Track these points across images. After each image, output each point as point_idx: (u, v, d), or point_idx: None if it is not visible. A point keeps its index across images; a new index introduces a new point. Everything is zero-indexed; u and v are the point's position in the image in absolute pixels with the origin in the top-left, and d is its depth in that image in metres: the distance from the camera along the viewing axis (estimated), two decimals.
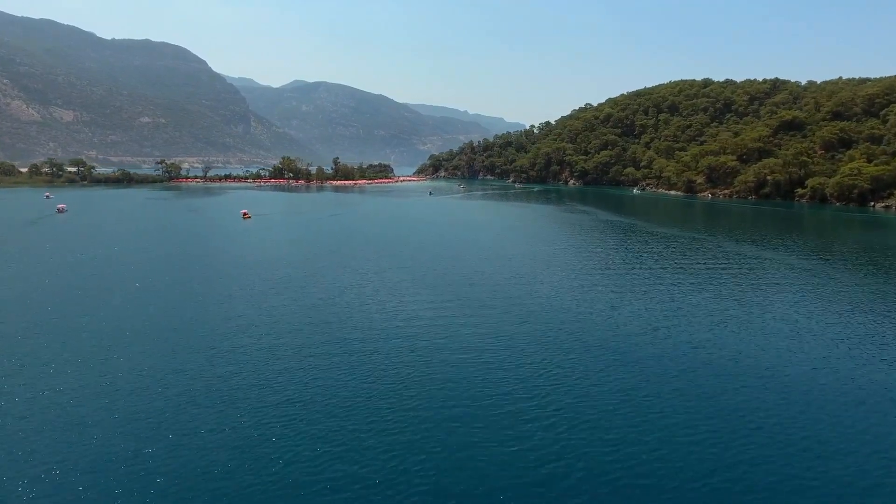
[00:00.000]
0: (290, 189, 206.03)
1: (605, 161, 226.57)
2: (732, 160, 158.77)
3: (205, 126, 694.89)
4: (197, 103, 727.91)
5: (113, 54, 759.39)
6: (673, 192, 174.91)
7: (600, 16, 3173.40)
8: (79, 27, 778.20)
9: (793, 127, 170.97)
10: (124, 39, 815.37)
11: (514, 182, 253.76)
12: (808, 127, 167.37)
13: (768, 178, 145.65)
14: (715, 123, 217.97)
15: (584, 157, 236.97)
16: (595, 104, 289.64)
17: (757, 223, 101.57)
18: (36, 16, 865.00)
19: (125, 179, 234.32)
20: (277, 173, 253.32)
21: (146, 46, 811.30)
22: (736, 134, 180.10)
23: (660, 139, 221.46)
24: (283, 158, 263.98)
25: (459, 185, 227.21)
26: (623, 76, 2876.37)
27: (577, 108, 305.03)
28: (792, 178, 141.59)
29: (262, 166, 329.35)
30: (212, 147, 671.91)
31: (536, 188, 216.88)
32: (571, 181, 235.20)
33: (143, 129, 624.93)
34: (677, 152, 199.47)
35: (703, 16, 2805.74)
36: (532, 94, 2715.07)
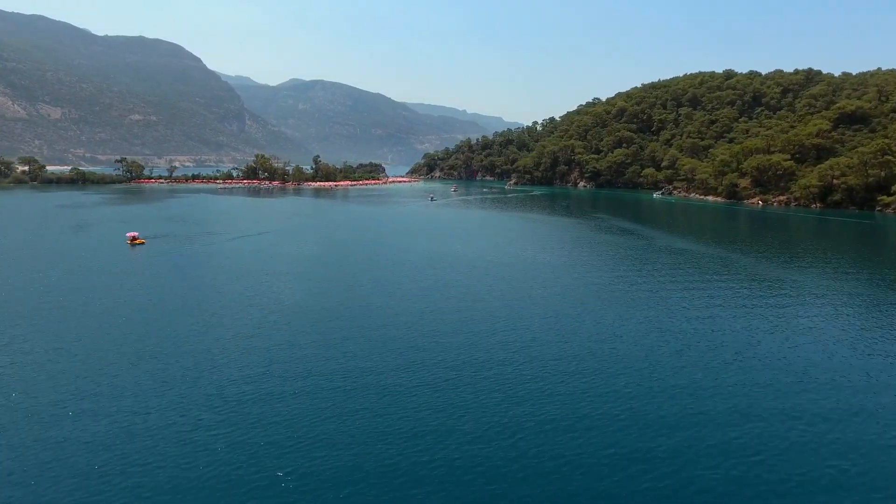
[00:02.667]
0: (256, 192, 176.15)
1: (620, 160, 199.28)
2: (786, 160, 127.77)
3: (197, 124, 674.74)
4: (190, 101, 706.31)
5: (105, 51, 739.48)
6: (711, 198, 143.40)
7: (599, 16, 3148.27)
8: (71, 23, 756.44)
9: (855, 120, 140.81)
10: (118, 36, 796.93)
11: (515, 184, 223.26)
12: (875, 120, 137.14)
13: (835, 181, 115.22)
14: (744, 118, 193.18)
15: (595, 155, 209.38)
16: (604, 99, 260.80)
17: None
18: (27, 11, 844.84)
19: (80, 180, 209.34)
20: (251, 173, 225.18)
21: (140, 43, 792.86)
22: (786, 130, 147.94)
23: (682, 136, 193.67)
24: (257, 156, 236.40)
25: (452, 188, 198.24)
26: (622, 76, 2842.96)
27: (583, 104, 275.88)
28: (868, 183, 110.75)
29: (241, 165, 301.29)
30: (204, 145, 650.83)
31: (536, 191, 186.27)
32: (582, 183, 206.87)
33: (134, 127, 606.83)
34: (709, 150, 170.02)
35: (701, 15, 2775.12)
36: (531, 93, 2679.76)
